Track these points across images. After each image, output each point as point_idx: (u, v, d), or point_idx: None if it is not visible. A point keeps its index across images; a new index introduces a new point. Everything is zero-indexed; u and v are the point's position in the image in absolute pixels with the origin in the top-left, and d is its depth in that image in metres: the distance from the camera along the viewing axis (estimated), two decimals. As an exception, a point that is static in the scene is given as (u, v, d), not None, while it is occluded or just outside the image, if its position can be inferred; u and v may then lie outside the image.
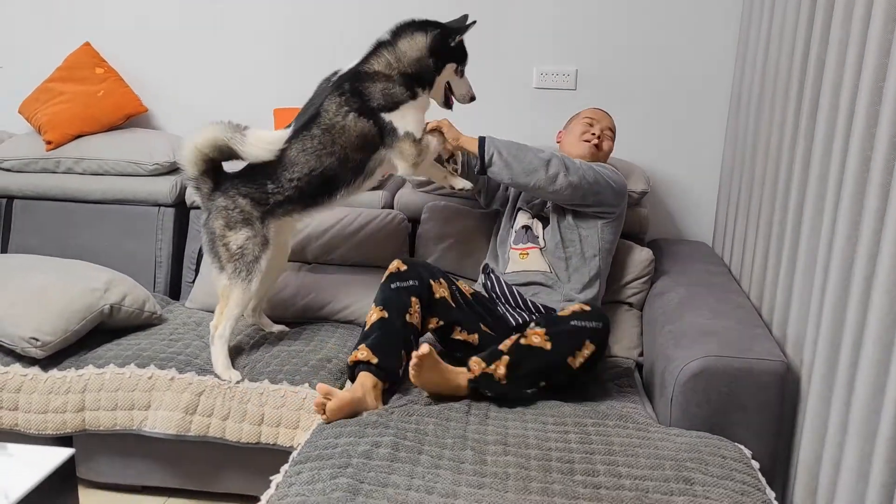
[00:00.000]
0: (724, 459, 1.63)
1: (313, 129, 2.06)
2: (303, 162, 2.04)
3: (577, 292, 2.16)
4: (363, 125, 2.04)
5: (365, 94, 2.04)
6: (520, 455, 1.62)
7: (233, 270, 2.04)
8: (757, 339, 1.85)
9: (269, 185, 2.06)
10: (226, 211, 2.05)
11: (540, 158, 2.06)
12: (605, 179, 2.16)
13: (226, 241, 2.05)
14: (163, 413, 1.95)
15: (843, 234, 1.53)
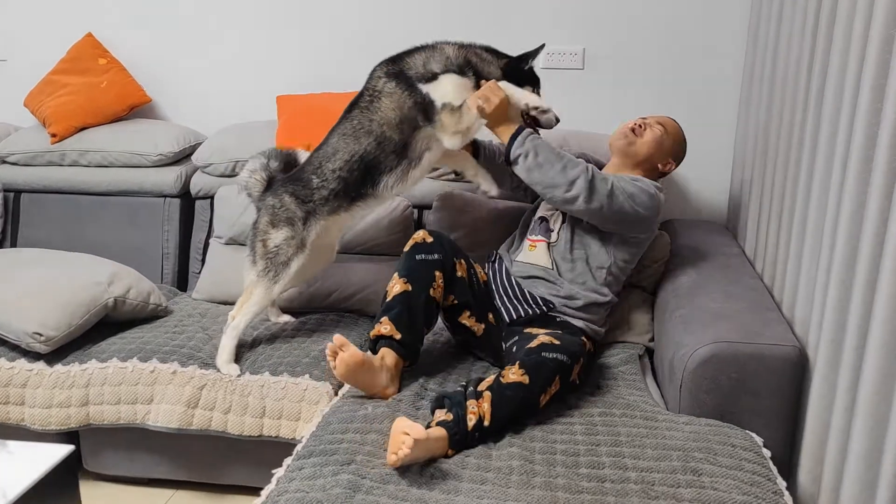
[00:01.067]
0: (733, 448, 1.58)
1: (353, 110, 2.03)
2: (343, 147, 2.01)
3: (581, 289, 2.04)
4: (399, 97, 1.96)
5: (405, 65, 1.98)
6: (524, 448, 1.59)
7: (263, 268, 2.05)
8: (769, 323, 1.80)
9: (315, 179, 2.05)
10: (273, 209, 2.07)
11: (566, 177, 1.91)
12: (633, 209, 1.98)
13: (265, 238, 2.06)
14: (165, 407, 1.94)
15: (847, 213, 1.47)
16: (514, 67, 2.03)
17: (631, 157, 2.14)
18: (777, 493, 1.46)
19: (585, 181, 1.91)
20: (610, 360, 2.07)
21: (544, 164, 1.92)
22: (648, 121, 2.17)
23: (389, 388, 1.81)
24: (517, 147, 1.93)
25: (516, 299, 2.04)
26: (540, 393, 1.70)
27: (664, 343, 1.98)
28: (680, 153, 2.22)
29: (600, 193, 1.92)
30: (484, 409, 1.62)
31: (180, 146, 2.69)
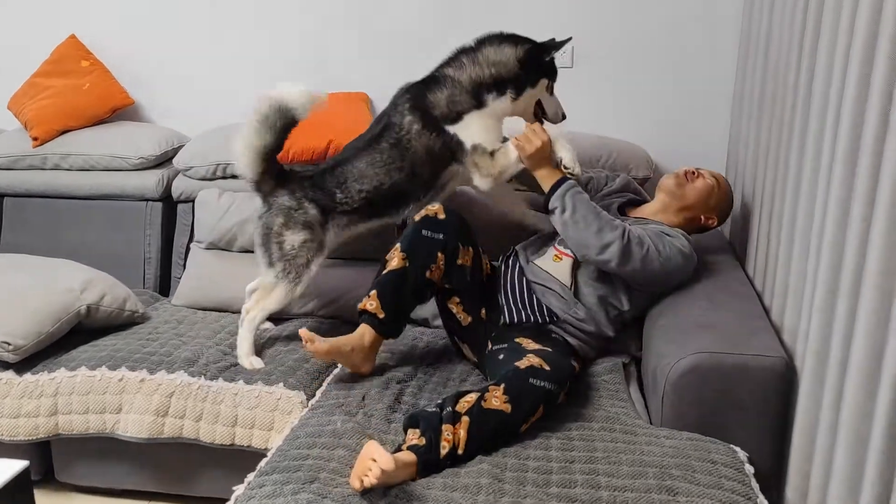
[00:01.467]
0: (713, 465, 1.51)
1: (382, 142, 2.03)
2: (371, 175, 2.03)
3: (590, 318, 1.96)
4: (427, 139, 1.99)
5: (430, 104, 1.98)
6: (495, 465, 1.53)
7: (282, 270, 2.02)
8: (755, 332, 1.72)
9: (339, 194, 2.05)
10: (289, 210, 2.03)
11: (601, 240, 1.85)
12: (666, 273, 1.92)
13: (281, 240, 2.02)
14: (134, 416, 1.90)
15: (833, 217, 1.40)
16: (534, 57, 1.99)
17: (677, 200, 2.08)
18: (756, 514, 1.39)
19: (620, 247, 1.85)
20: (595, 367, 1.99)
21: (580, 223, 1.87)
22: (703, 171, 2.12)
23: (364, 366, 1.88)
24: (556, 199, 1.90)
25: (522, 303, 1.97)
26: (522, 423, 1.63)
27: (648, 353, 1.91)
28: (725, 211, 2.16)
29: (634, 259, 1.87)
30: (459, 437, 1.54)
31: (162, 149, 2.65)
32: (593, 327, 1.97)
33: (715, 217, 2.11)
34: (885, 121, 1.21)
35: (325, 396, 1.83)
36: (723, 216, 2.16)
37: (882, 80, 1.21)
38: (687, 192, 2.07)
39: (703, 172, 2.11)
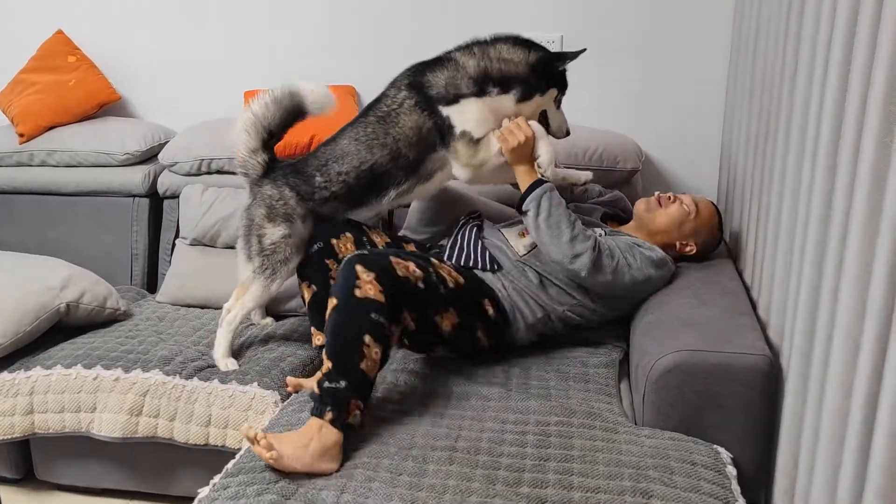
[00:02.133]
0: (693, 467, 1.46)
1: (370, 115, 1.95)
2: (353, 152, 1.93)
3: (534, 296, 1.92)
4: (417, 117, 1.90)
5: (427, 82, 1.89)
6: (465, 464, 1.48)
7: (259, 265, 1.95)
8: (740, 329, 1.66)
9: (318, 177, 1.96)
10: (270, 200, 1.96)
11: (571, 249, 1.81)
12: (634, 284, 1.89)
13: (261, 233, 1.96)
14: (108, 416, 1.88)
15: (817, 213, 1.34)
16: (548, 64, 1.91)
17: (644, 225, 2.05)
18: (733, 518, 1.34)
19: (589, 259, 1.81)
20: (589, 360, 1.94)
21: (553, 229, 1.82)
22: (683, 197, 2.06)
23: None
24: (531, 201, 1.85)
25: (467, 247, 1.94)
26: (354, 288, 1.59)
27: (633, 350, 1.86)
28: (708, 239, 2.08)
29: (604, 273, 1.84)
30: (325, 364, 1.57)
31: (148, 144, 2.63)
32: (534, 295, 1.91)
33: (693, 245, 2.04)
34: (862, 111, 1.16)
35: (299, 394, 1.79)
36: (706, 245, 2.08)
37: (860, 73, 1.16)
38: (656, 216, 2.03)
39: (684, 199, 2.04)
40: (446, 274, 1.80)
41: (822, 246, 1.32)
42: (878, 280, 1.05)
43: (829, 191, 1.30)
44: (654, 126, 2.53)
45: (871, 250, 1.10)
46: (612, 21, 2.48)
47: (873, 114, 1.08)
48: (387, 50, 2.65)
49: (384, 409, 1.71)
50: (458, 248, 1.95)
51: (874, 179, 1.09)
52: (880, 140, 1.07)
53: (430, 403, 1.75)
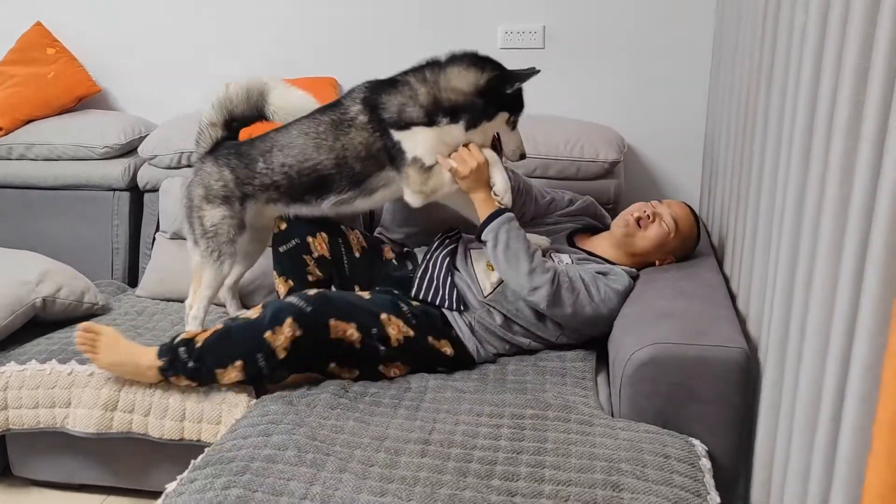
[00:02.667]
0: (666, 460, 1.45)
1: (325, 114, 1.92)
2: (300, 146, 1.90)
3: (502, 329, 1.91)
4: (368, 135, 1.86)
5: (381, 103, 1.85)
6: (438, 456, 1.47)
7: (205, 248, 1.95)
8: (717, 322, 1.65)
9: (260, 162, 1.93)
10: (209, 179, 1.95)
11: (530, 282, 1.79)
12: (595, 316, 1.85)
13: (201, 214, 1.95)
14: (82, 411, 1.85)
15: (791, 206, 1.32)
16: (495, 89, 1.82)
17: (624, 248, 2.00)
18: (704, 511, 1.33)
19: (549, 292, 1.79)
20: (566, 353, 1.93)
21: (511, 261, 1.81)
22: (661, 211, 1.98)
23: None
24: (489, 232, 1.83)
25: (437, 281, 1.93)
26: (267, 330, 1.69)
27: (610, 343, 1.85)
28: (687, 250, 2.04)
29: (565, 305, 1.82)
30: (204, 335, 1.74)
31: (128, 137, 2.61)
32: (500, 332, 1.91)
33: (672, 258, 2.01)
34: (832, 101, 1.14)
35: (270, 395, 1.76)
36: (685, 255, 2.04)
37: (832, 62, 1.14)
38: (637, 241, 1.97)
39: (663, 215, 1.97)
40: (394, 330, 1.79)
41: (796, 238, 1.30)
42: (846, 274, 1.04)
43: (802, 183, 1.29)
44: (638, 117, 2.51)
45: (839, 242, 1.09)
46: (596, 12, 2.46)
47: (842, 106, 1.07)
48: (369, 42, 2.63)
49: (359, 400, 1.71)
50: (428, 281, 1.93)
51: (843, 171, 1.08)
52: (849, 132, 1.06)
53: (406, 396, 1.74)
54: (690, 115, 2.48)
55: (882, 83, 0.95)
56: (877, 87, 0.96)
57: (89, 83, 2.75)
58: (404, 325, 1.82)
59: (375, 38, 2.62)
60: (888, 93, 0.94)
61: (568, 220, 2.15)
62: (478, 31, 2.52)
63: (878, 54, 0.96)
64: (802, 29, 1.32)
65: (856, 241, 1.01)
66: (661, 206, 2.00)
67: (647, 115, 2.51)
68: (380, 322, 1.79)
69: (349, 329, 1.74)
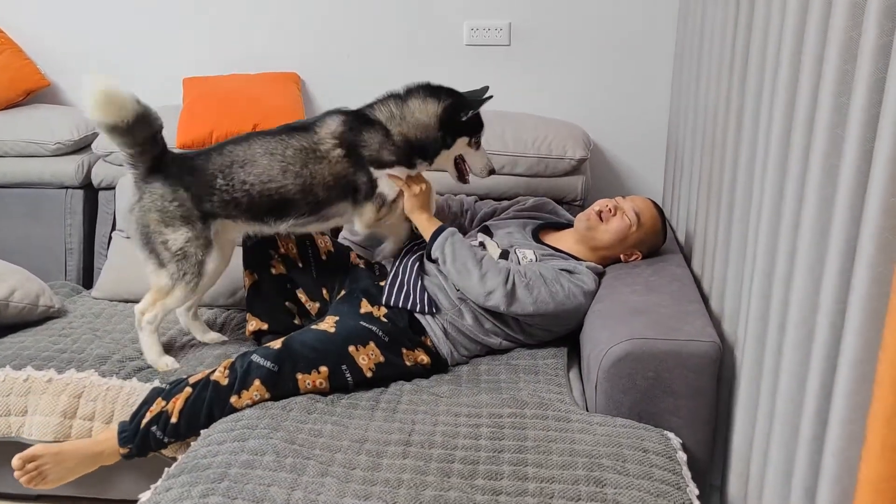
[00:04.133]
0: (644, 454, 1.46)
1: (294, 138, 1.87)
2: (264, 166, 1.84)
3: (474, 327, 1.90)
4: (342, 169, 1.86)
5: (362, 139, 1.86)
6: (420, 457, 1.46)
7: (176, 270, 1.85)
8: (689, 316, 1.68)
9: (220, 179, 1.84)
10: (162, 201, 1.83)
11: (483, 287, 1.81)
12: (560, 311, 1.86)
13: (164, 240, 1.84)
14: (39, 419, 1.78)
15: (769, 199, 1.35)
16: (451, 119, 1.89)
17: (587, 243, 2.01)
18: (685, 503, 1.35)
19: (503, 295, 1.81)
20: (537, 351, 1.93)
21: (462, 272, 1.84)
22: (624, 205, 2.00)
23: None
24: (436, 250, 1.88)
25: (406, 285, 1.91)
26: (233, 395, 1.65)
27: (583, 340, 1.86)
28: (652, 245, 2.06)
29: (523, 302, 1.82)
30: (175, 407, 1.65)
31: (80, 133, 2.51)
32: (472, 333, 1.90)
33: (638, 253, 2.03)
34: (814, 97, 1.16)
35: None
36: (651, 249, 2.06)
37: (812, 57, 1.16)
38: (598, 234, 1.99)
39: (625, 208, 1.99)
40: (364, 360, 1.76)
41: (775, 234, 1.33)
42: (831, 272, 1.06)
43: (780, 180, 1.31)
44: (603, 114, 2.54)
45: (824, 241, 1.11)
46: (561, 9, 2.47)
47: (824, 103, 1.09)
48: (333, 37, 2.59)
49: (336, 403, 1.68)
50: (398, 287, 1.92)
51: (825, 170, 1.10)
52: (832, 130, 1.08)
53: (382, 398, 1.72)
54: (654, 112, 2.52)
55: (870, 60, 0.95)
56: (866, 64, 0.96)
57: (37, 76, 2.63)
58: (374, 350, 1.78)
59: (340, 34, 2.58)
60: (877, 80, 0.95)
61: (525, 216, 2.17)
62: (443, 28, 2.50)
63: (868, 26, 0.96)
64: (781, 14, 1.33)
65: (841, 240, 1.03)
66: (623, 201, 2.02)
67: (612, 112, 2.54)
68: (348, 355, 1.75)
69: (318, 379, 1.70)
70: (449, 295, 1.91)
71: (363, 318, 1.85)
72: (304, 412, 1.63)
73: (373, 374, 1.76)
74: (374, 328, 1.81)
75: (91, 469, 1.70)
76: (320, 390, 1.71)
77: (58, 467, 1.65)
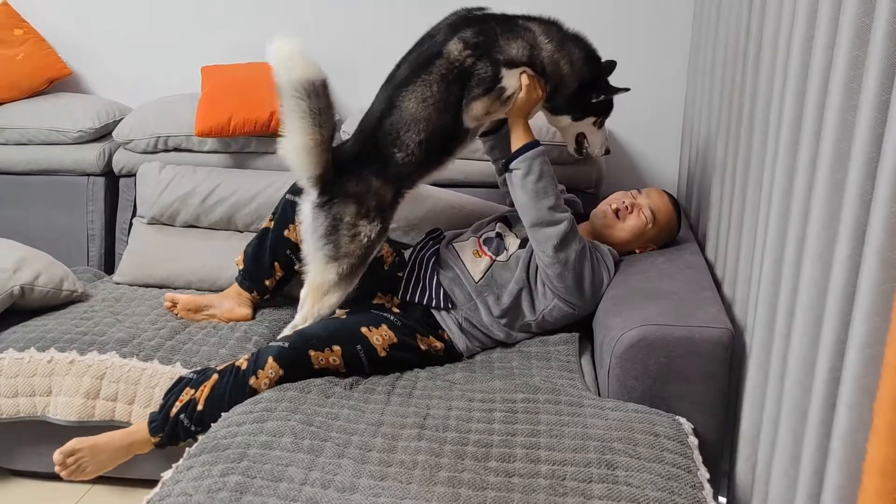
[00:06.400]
0: (656, 438, 1.48)
1: (432, 72, 1.77)
2: (424, 117, 1.77)
3: (490, 319, 1.90)
4: (474, 72, 1.77)
5: (498, 44, 1.78)
6: (434, 440, 1.49)
7: (346, 267, 1.78)
8: (702, 303, 1.69)
9: (397, 153, 1.79)
10: (358, 197, 1.77)
11: (551, 216, 1.81)
12: (589, 279, 1.86)
13: (356, 232, 1.77)
14: (63, 399, 1.83)
15: (780, 185, 1.36)
16: (584, 97, 1.92)
17: (604, 239, 2.01)
18: (696, 487, 1.37)
19: (563, 230, 1.81)
20: (549, 338, 1.95)
21: (539, 193, 1.81)
22: (640, 201, 2.01)
23: (237, 310, 2.07)
24: (523, 161, 1.83)
25: (423, 280, 1.92)
26: (250, 376, 1.68)
27: (596, 325, 1.88)
28: (667, 238, 2.07)
29: (569, 250, 1.82)
30: (203, 395, 1.67)
31: (102, 121, 2.55)
32: (489, 329, 1.92)
33: (654, 245, 2.05)
34: (825, 82, 1.17)
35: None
36: (665, 242, 2.07)
37: (823, 44, 1.17)
38: (615, 232, 2.00)
39: (641, 203, 2.00)
40: (378, 339, 1.78)
41: (785, 219, 1.34)
42: (841, 258, 1.06)
43: (791, 165, 1.32)
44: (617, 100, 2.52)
45: (833, 227, 1.12)
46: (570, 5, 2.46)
47: (835, 87, 1.10)
48: (349, 23, 2.60)
49: (354, 389, 1.71)
50: (414, 282, 1.92)
51: (835, 157, 1.11)
52: (842, 117, 1.09)
53: (398, 384, 1.75)
54: (669, 98, 2.51)
55: (881, 46, 0.95)
56: (877, 49, 0.96)
57: (60, 65, 2.68)
58: (387, 331, 1.80)
59: (357, 21, 2.59)
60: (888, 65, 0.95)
61: None
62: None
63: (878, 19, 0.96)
64: (791, 16, 1.34)
65: (850, 226, 1.04)
66: (640, 197, 2.03)
67: (626, 99, 2.52)
68: (361, 335, 1.77)
69: (331, 356, 1.72)
70: (465, 289, 1.91)
71: (374, 307, 1.87)
72: (322, 396, 1.66)
73: (387, 353, 1.78)
74: (386, 314, 1.84)
75: (126, 458, 1.75)
76: (335, 367, 1.73)
77: (95, 459, 1.70)
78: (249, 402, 1.63)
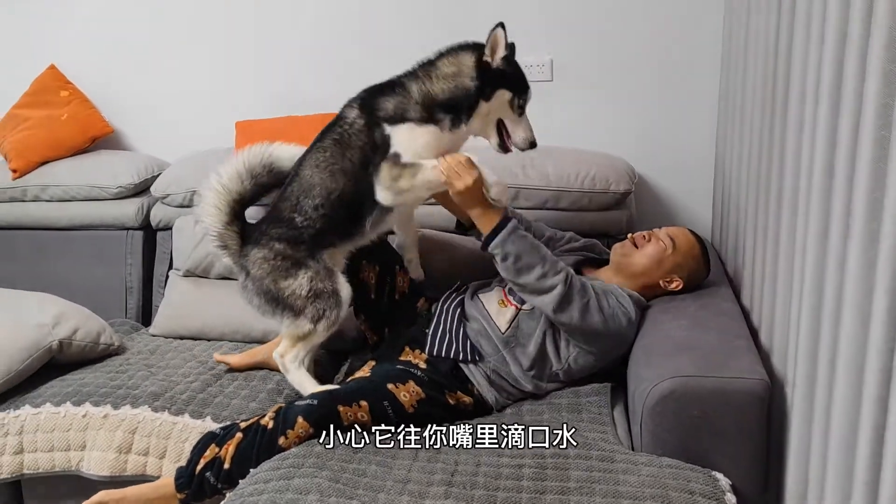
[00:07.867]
0: (691, 496, 1.43)
1: (326, 138, 1.85)
2: (318, 182, 1.82)
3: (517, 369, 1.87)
4: (365, 138, 1.80)
5: (379, 104, 1.81)
6: (461, 498, 1.45)
7: (314, 311, 1.84)
8: (736, 352, 1.64)
9: (297, 217, 1.85)
10: (266, 262, 1.86)
11: (542, 284, 1.76)
12: (605, 329, 1.81)
13: (289, 293, 1.84)
14: (96, 453, 1.85)
15: (814, 231, 1.32)
16: (488, 66, 1.78)
17: (623, 270, 1.97)
18: (734, 549, 1.31)
19: (558, 295, 1.76)
20: (580, 389, 1.91)
21: (522, 270, 1.77)
22: (658, 232, 1.98)
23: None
24: (496, 247, 1.78)
25: (449, 333, 1.90)
26: (279, 436, 1.66)
27: (629, 376, 1.83)
28: (694, 271, 1.99)
29: (573, 308, 1.77)
30: (228, 452, 1.65)
31: (141, 177, 2.63)
32: (516, 381, 1.88)
33: (679, 280, 1.96)
34: (855, 129, 1.14)
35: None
36: (692, 277, 1.99)
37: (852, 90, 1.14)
38: (633, 259, 1.96)
39: (660, 234, 1.96)
40: (406, 396, 1.76)
41: (821, 269, 1.29)
42: (879, 310, 1.02)
43: (825, 210, 1.28)
44: (648, 147, 2.52)
45: (870, 278, 1.08)
46: (603, 43, 2.48)
47: (866, 136, 1.07)
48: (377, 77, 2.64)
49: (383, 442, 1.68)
50: (441, 335, 1.90)
51: (869, 207, 1.07)
52: (875, 164, 1.06)
53: (426, 439, 1.71)
54: (700, 144, 2.49)
55: None
56: None
57: (102, 124, 2.78)
58: (415, 387, 1.78)
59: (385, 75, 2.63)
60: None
61: (572, 254, 2.14)
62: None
63: None
64: (819, 46, 1.32)
65: (888, 276, 1.00)
66: (657, 230, 2.01)
67: (657, 144, 2.52)
68: (388, 392, 1.75)
69: (359, 412, 1.71)
70: (493, 340, 1.89)
71: (401, 363, 1.86)
72: (349, 451, 1.64)
73: (415, 410, 1.76)
74: (413, 370, 1.82)
75: None
76: (363, 423, 1.71)
77: None
78: (277, 458, 1.62)
